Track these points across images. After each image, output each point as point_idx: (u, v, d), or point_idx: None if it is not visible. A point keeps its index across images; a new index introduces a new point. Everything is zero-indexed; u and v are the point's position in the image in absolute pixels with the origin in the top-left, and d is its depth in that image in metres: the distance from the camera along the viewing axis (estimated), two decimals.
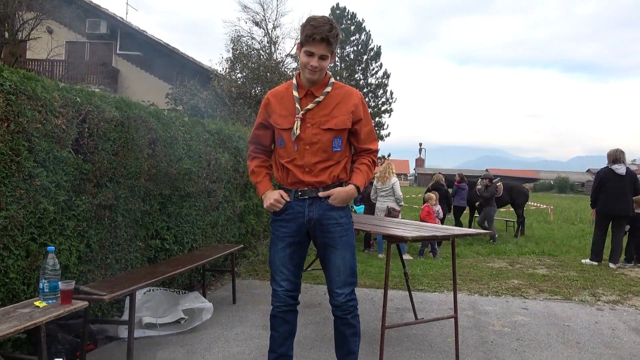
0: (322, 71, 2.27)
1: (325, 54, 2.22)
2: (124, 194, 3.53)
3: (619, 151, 6.77)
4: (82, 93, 3.17)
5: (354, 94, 2.39)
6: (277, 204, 2.36)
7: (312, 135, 2.31)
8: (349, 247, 2.39)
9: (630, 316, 4.32)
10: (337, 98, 2.34)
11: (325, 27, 2.16)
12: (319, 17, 2.22)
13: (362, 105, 2.39)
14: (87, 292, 2.69)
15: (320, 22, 2.18)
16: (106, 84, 16.50)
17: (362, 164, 2.45)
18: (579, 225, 13.20)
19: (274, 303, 2.47)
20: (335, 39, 2.20)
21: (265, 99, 2.44)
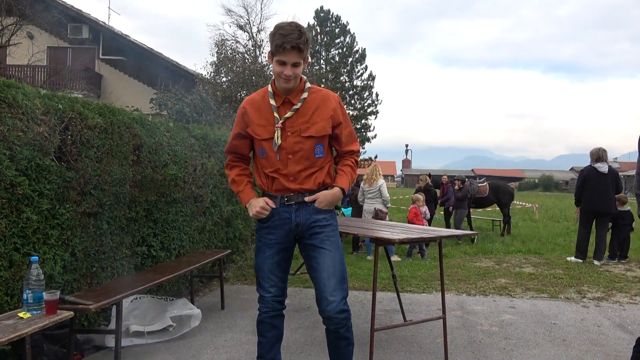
0: (296, 78, 2.25)
1: (297, 61, 2.18)
2: (108, 201, 3.49)
3: (601, 150, 6.89)
4: (64, 100, 3.13)
5: (330, 97, 2.36)
6: (263, 212, 2.34)
7: (293, 144, 2.29)
8: (337, 248, 2.36)
9: (614, 312, 4.39)
10: (315, 103, 2.32)
11: (293, 34, 2.12)
12: (287, 24, 2.18)
13: (340, 108, 2.38)
14: (72, 302, 2.65)
15: (289, 30, 2.14)
16: (89, 90, 16.30)
17: (345, 166, 2.46)
18: (564, 223, 13.39)
19: (261, 309, 2.46)
20: (305, 45, 2.17)
21: (242, 108, 2.40)
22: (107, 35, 17.39)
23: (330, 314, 2.29)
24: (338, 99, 2.40)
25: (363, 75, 27.70)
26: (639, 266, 6.63)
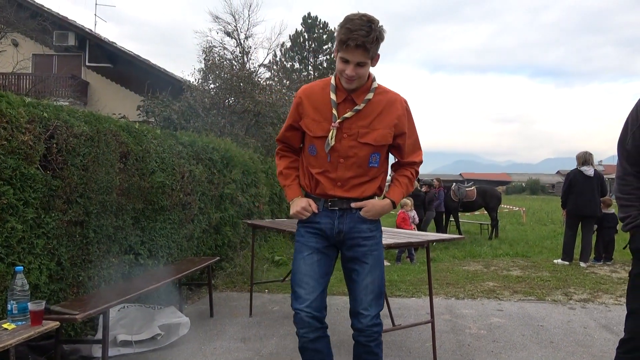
0: (360, 79, 2.03)
1: (362, 61, 1.96)
2: (95, 210, 3.46)
3: (587, 153, 7.01)
4: (49, 108, 3.11)
5: (397, 102, 2.12)
6: (304, 212, 2.16)
7: (347, 148, 2.08)
8: (379, 263, 2.17)
9: (600, 314, 4.45)
10: (379, 107, 2.09)
11: (361, 31, 1.89)
12: (357, 17, 1.92)
13: (406, 115, 2.15)
14: (58, 312, 2.62)
15: (357, 24, 1.90)
16: (75, 97, 16.18)
17: (403, 176, 2.25)
18: (551, 226, 13.54)
19: (299, 331, 2.14)
20: (373, 44, 1.93)
21: (297, 98, 2.18)
22: (93, 42, 17.28)
23: (363, 326, 2.12)
24: (405, 104, 2.17)
25: None
26: (623, 268, 6.72)
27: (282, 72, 23.03)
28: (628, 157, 2.17)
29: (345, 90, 2.06)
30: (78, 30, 16.96)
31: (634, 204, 2.15)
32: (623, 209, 2.19)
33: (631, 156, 2.16)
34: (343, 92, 2.08)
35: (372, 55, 1.97)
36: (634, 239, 2.16)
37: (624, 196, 2.19)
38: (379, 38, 1.94)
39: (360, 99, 2.07)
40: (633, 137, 2.14)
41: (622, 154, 2.20)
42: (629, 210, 2.16)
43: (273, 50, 20.18)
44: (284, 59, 27.25)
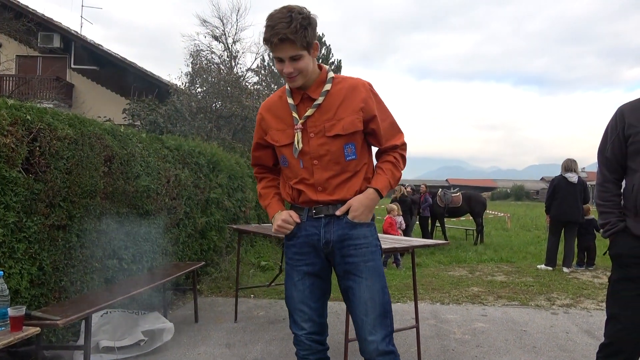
0: (303, 74, 1.85)
1: (295, 54, 1.79)
2: (78, 214, 3.42)
3: (571, 161, 7.15)
4: (32, 110, 3.07)
5: (359, 86, 1.94)
6: (285, 225, 1.96)
7: (318, 147, 1.91)
8: (377, 275, 1.92)
9: (582, 319, 4.51)
10: (340, 95, 1.92)
11: (281, 24, 1.74)
12: (277, 11, 1.79)
13: (372, 97, 1.96)
14: (39, 318, 2.58)
15: (277, 19, 1.76)
16: (60, 99, 15.96)
17: (386, 162, 2.02)
18: (535, 231, 13.70)
19: (298, 352, 2.04)
20: (299, 33, 1.75)
21: (259, 115, 2.07)
22: (79, 44, 17.09)
23: (371, 356, 1.88)
24: (369, 86, 1.97)
25: None
26: (605, 273, 6.83)
27: (270, 76, 23.03)
28: (607, 165, 2.23)
29: (299, 89, 1.92)
30: (63, 31, 16.77)
31: (613, 210, 2.20)
32: (603, 216, 2.24)
33: (610, 164, 2.22)
34: (298, 92, 1.93)
35: (304, 44, 1.79)
36: (613, 244, 2.21)
37: (604, 203, 2.24)
38: (305, 25, 1.77)
39: (317, 93, 1.91)
40: (612, 145, 2.20)
41: (602, 161, 2.26)
42: (608, 217, 2.21)
43: (261, 55, 20.16)
44: (272, 63, 27.25)
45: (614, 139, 2.19)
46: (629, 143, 2.13)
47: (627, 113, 2.15)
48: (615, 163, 2.20)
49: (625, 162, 2.17)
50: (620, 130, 2.16)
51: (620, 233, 2.16)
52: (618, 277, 2.18)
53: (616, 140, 2.18)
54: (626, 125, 2.13)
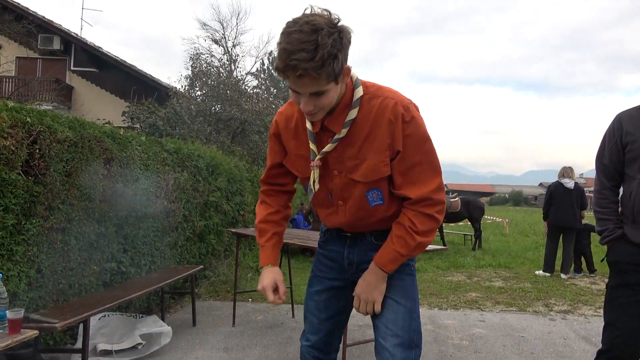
0: (324, 109, 1.43)
1: (317, 90, 1.35)
2: (77, 216, 3.42)
3: (566, 168, 7.19)
4: (33, 113, 3.08)
5: (388, 109, 1.45)
6: (266, 294, 1.69)
7: (341, 188, 1.57)
8: (406, 297, 1.61)
9: (580, 325, 4.52)
10: (367, 123, 1.47)
11: (302, 53, 1.27)
12: (296, 28, 1.29)
13: (401, 125, 1.45)
14: (37, 321, 2.58)
15: (296, 42, 1.28)
16: (59, 101, 15.99)
17: (398, 224, 1.55)
18: (533, 237, 13.71)
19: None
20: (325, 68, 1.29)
21: (274, 128, 1.68)
22: (78, 46, 17.14)
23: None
24: (403, 110, 1.46)
25: None
26: (602, 280, 6.83)
27: (269, 80, 23.08)
28: (605, 172, 2.25)
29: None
30: (63, 34, 16.82)
31: (610, 217, 2.22)
32: (600, 223, 2.25)
33: (608, 171, 2.23)
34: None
35: (332, 77, 1.34)
36: (611, 251, 2.22)
37: (601, 210, 2.25)
38: (334, 54, 1.30)
39: (340, 124, 1.47)
40: (610, 152, 2.22)
41: (600, 168, 2.28)
42: (606, 224, 2.22)
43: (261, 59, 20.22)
44: (272, 67, 27.32)
45: (611, 146, 2.21)
46: (627, 151, 2.14)
47: (625, 121, 2.17)
48: (612, 170, 2.22)
49: (623, 169, 2.19)
50: (617, 137, 2.17)
51: (617, 240, 2.17)
52: (615, 283, 2.19)
53: (614, 148, 2.20)
54: (624, 133, 2.15)
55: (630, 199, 2.12)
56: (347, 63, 1.40)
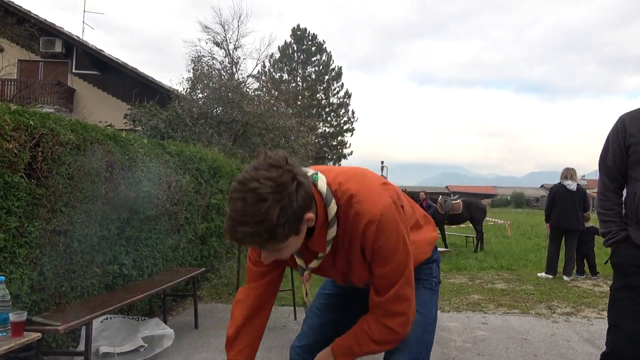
0: (289, 250, 1.32)
1: (273, 249, 1.28)
2: (79, 219, 3.42)
3: (570, 169, 7.17)
4: (35, 116, 3.08)
5: (360, 226, 1.34)
6: None
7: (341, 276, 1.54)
8: (418, 304, 1.50)
9: (583, 327, 4.50)
10: (346, 237, 1.39)
11: (243, 228, 1.18)
12: (238, 201, 1.18)
13: (371, 245, 1.35)
14: (40, 323, 2.58)
15: (238, 210, 1.18)
16: (61, 104, 16.02)
17: (360, 325, 1.49)
18: (535, 239, 13.69)
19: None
20: (275, 237, 1.20)
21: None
22: (80, 49, 17.19)
23: None
24: (371, 229, 1.32)
25: (339, 92, 28.11)
26: (605, 282, 6.81)
27: (270, 82, 23.12)
28: (608, 174, 2.24)
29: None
30: (65, 37, 16.86)
31: (614, 219, 2.21)
32: (604, 225, 2.24)
33: (611, 172, 2.23)
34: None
35: (287, 236, 1.22)
36: (615, 253, 2.21)
37: (605, 212, 2.24)
38: (282, 224, 1.18)
39: (321, 244, 1.38)
40: (613, 154, 2.21)
41: (603, 170, 2.27)
42: (610, 226, 2.21)
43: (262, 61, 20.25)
44: (273, 69, 27.37)
45: (615, 148, 2.20)
46: (630, 152, 2.14)
47: (628, 122, 2.17)
48: (616, 172, 2.21)
49: (626, 171, 2.18)
50: (621, 139, 2.17)
51: (622, 242, 2.16)
52: (619, 285, 2.18)
53: (617, 149, 2.19)
54: (627, 134, 2.14)
55: (634, 201, 2.11)
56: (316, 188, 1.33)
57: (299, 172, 1.25)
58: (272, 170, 1.19)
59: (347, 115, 27.85)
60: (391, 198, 1.37)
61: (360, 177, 1.40)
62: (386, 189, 1.40)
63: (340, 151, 27.45)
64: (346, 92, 28.02)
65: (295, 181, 1.21)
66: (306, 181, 1.25)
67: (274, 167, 1.20)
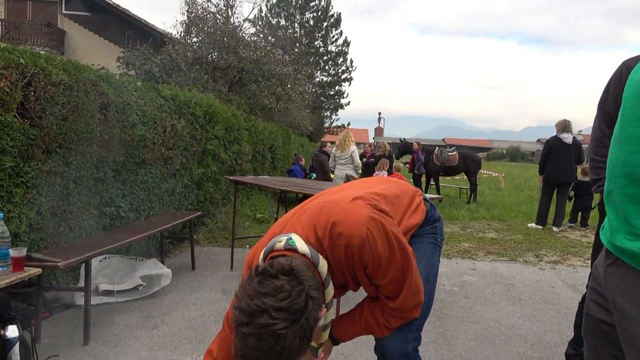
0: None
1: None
2: (75, 161, 3.43)
3: (566, 121, 7.13)
4: (26, 54, 3.02)
5: (354, 253, 1.32)
6: None
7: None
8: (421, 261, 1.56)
9: (568, 274, 4.65)
10: (342, 272, 1.38)
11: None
12: (251, 337, 1.09)
13: (370, 256, 1.32)
14: (40, 260, 2.64)
15: (254, 354, 1.10)
16: (52, 46, 15.57)
17: (373, 318, 1.50)
18: (528, 192, 13.85)
19: None
20: (279, 353, 1.10)
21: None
22: None
23: (386, 357, 1.51)
24: (362, 247, 1.30)
25: (338, 40, 27.40)
26: (593, 232, 6.97)
27: (267, 28, 22.46)
28: (607, 120, 2.16)
29: None
30: None
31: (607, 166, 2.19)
32: (596, 171, 2.20)
33: (610, 119, 2.15)
34: None
35: (303, 351, 1.17)
36: None
37: (599, 158, 2.19)
38: (303, 347, 1.14)
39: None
40: (615, 99, 2.11)
41: (602, 116, 2.19)
42: (602, 173, 2.17)
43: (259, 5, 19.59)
44: (270, 14, 26.53)
45: (617, 93, 2.10)
46: None
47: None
48: (615, 118, 2.16)
49: None
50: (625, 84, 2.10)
51: None
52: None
53: (620, 95, 2.11)
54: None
55: None
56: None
57: (309, 284, 1.16)
58: (281, 296, 1.10)
59: (346, 64, 27.31)
60: (367, 209, 1.34)
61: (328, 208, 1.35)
62: (356, 203, 1.35)
63: (338, 101, 27.13)
64: (345, 40, 27.35)
65: (309, 300, 1.14)
66: (317, 294, 1.18)
67: (281, 291, 1.11)
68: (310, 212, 1.38)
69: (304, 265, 1.21)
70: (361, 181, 1.71)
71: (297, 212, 1.44)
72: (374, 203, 1.38)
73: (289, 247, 1.28)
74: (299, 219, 1.39)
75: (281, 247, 1.29)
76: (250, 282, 1.14)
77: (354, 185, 1.63)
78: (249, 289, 1.12)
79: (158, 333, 2.98)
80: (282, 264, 1.16)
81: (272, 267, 1.15)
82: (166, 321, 3.18)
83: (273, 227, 1.47)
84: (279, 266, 1.15)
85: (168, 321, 3.18)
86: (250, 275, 1.16)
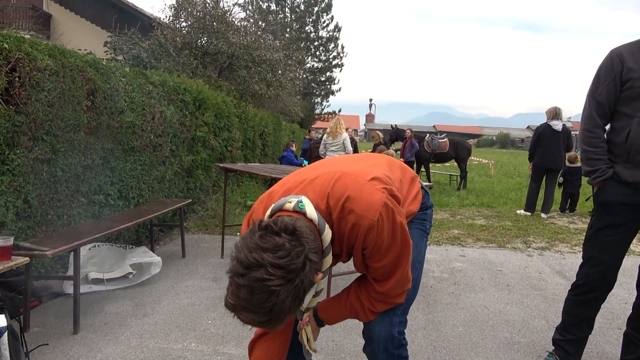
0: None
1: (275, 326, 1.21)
2: (62, 148, 3.38)
3: (557, 108, 7.17)
4: (10, 39, 2.95)
5: (360, 233, 1.31)
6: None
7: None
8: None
9: (555, 261, 4.72)
10: (345, 244, 1.37)
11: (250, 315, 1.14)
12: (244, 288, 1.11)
13: (374, 240, 1.32)
14: (28, 248, 2.61)
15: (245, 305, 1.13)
16: (37, 30, 15.25)
17: (358, 301, 1.53)
18: (517, 178, 13.96)
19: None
20: (282, 319, 1.17)
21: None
22: None
23: (373, 341, 1.51)
24: (369, 230, 1.30)
25: (329, 25, 27.16)
26: (581, 219, 7.07)
27: (257, 13, 22.17)
28: (598, 110, 2.15)
29: None
30: None
31: (602, 157, 2.15)
32: (590, 162, 2.18)
33: (601, 108, 2.14)
34: None
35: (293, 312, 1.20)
36: (600, 191, 2.17)
37: (592, 149, 2.17)
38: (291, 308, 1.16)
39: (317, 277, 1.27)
40: (607, 89, 2.11)
41: (593, 106, 2.17)
42: (597, 164, 2.16)
43: None
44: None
45: (608, 82, 2.09)
46: (626, 87, 2.04)
47: (627, 56, 2.04)
48: (606, 108, 2.13)
49: (616, 107, 2.11)
50: (617, 73, 2.06)
51: (609, 180, 2.13)
52: (604, 224, 2.17)
53: (611, 84, 2.08)
54: (625, 69, 2.04)
55: (628, 138, 2.04)
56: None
57: (309, 247, 1.17)
58: (280, 253, 1.11)
59: (337, 50, 27.12)
60: (384, 194, 1.32)
61: (345, 180, 1.33)
62: (373, 185, 1.33)
63: (329, 87, 26.99)
64: (336, 26, 27.12)
65: (307, 262, 1.15)
66: (315, 258, 1.19)
67: (281, 249, 1.12)
68: (324, 179, 1.35)
69: (307, 228, 1.21)
70: (370, 156, 1.66)
71: (303, 175, 1.43)
72: (390, 188, 1.37)
73: (298, 210, 1.27)
74: (311, 183, 1.36)
75: (290, 207, 1.28)
76: (252, 235, 1.15)
77: (364, 159, 1.57)
78: (249, 242, 1.14)
79: (148, 321, 2.97)
80: (285, 223, 1.16)
81: (276, 224, 1.16)
82: (157, 309, 3.17)
83: (274, 186, 1.46)
84: (282, 224, 1.16)
85: (158, 309, 3.17)
86: (253, 228, 1.17)
